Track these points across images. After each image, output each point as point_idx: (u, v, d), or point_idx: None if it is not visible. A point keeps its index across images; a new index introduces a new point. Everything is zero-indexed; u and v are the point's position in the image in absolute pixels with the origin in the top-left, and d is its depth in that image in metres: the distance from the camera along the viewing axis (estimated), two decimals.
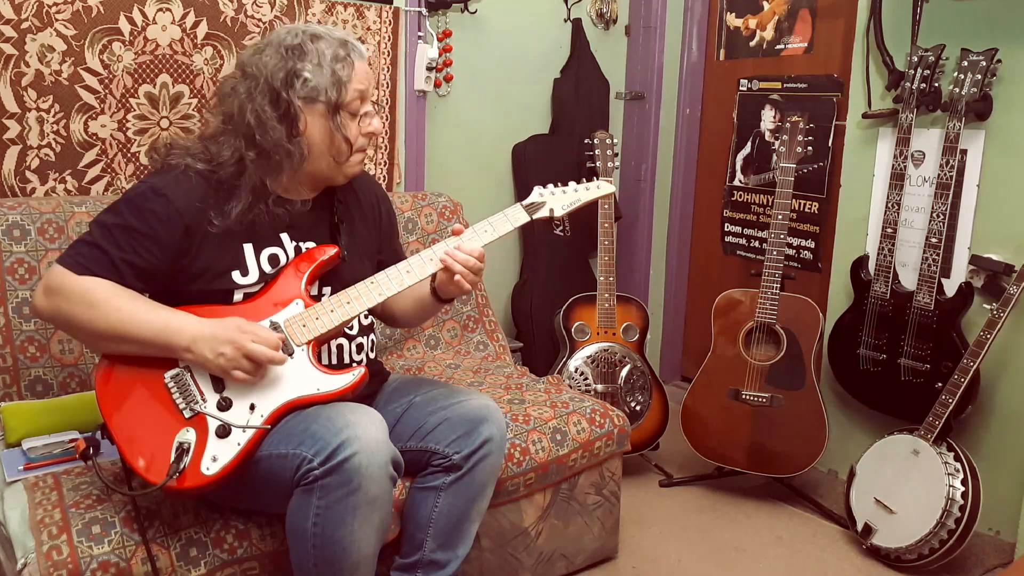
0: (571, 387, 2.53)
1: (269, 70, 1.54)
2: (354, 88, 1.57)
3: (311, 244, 1.66)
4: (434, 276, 1.70)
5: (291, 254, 1.64)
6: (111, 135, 2.20)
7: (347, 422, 1.45)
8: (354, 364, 1.71)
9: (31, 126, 2.09)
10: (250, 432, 1.49)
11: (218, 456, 1.47)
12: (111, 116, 2.19)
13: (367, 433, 1.45)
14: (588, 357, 2.68)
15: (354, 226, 1.75)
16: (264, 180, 1.58)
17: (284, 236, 1.63)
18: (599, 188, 1.74)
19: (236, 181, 1.56)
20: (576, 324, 2.73)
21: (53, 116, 2.11)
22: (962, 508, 2.11)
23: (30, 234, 1.92)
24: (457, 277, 1.61)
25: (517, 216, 1.68)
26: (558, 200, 1.70)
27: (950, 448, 2.20)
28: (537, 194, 1.71)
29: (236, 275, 1.58)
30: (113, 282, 1.48)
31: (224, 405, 1.50)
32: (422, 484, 1.70)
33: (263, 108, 1.53)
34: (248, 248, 1.59)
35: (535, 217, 1.68)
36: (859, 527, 2.32)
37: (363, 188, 1.82)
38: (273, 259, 1.62)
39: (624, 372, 2.68)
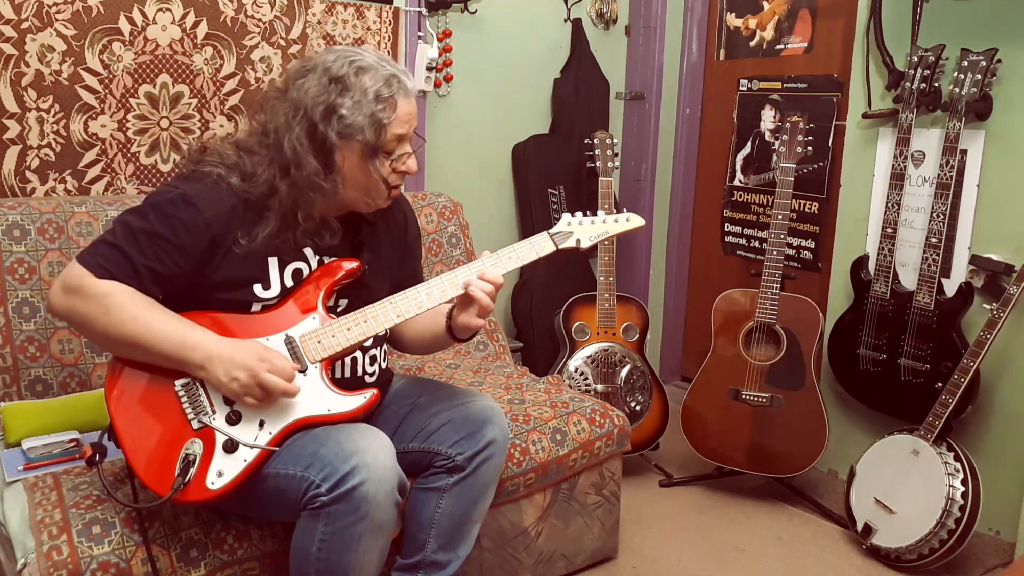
0: (571, 387, 2.53)
1: (310, 99, 1.49)
2: (393, 132, 1.52)
3: (335, 258, 1.64)
4: (450, 313, 1.68)
5: (315, 268, 1.61)
6: (111, 135, 2.20)
7: (356, 448, 1.44)
8: (366, 376, 1.70)
9: (31, 126, 2.09)
10: (257, 449, 1.48)
11: (223, 471, 1.46)
12: (111, 116, 2.19)
13: (376, 460, 1.44)
14: (588, 357, 2.68)
15: (379, 242, 1.73)
16: (295, 208, 1.53)
17: (308, 251, 1.60)
18: (628, 221, 1.71)
19: (266, 203, 1.52)
20: (576, 324, 2.73)
21: (53, 116, 2.11)
22: (962, 508, 2.11)
23: (30, 234, 1.92)
24: (475, 309, 1.58)
25: (543, 245, 1.65)
26: (586, 231, 1.67)
27: (950, 448, 2.20)
28: (565, 223, 1.68)
29: (258, 288, 1.56)
30: (132, 287, 1.46)
31: (233, 419, 1.49)
32: (425, 485, 1.70)
33: (300, 141, 1.49)
34: (273, 262, 1.57)
35: (561, 247, 1.66)
36: (859, 527, 2.32)
37: (392, 205, 1.75)
38: (297, 274, 1.59)
39: (624, 372, 2.68)
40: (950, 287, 2.30)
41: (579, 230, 1.67)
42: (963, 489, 2.13)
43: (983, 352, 2.12)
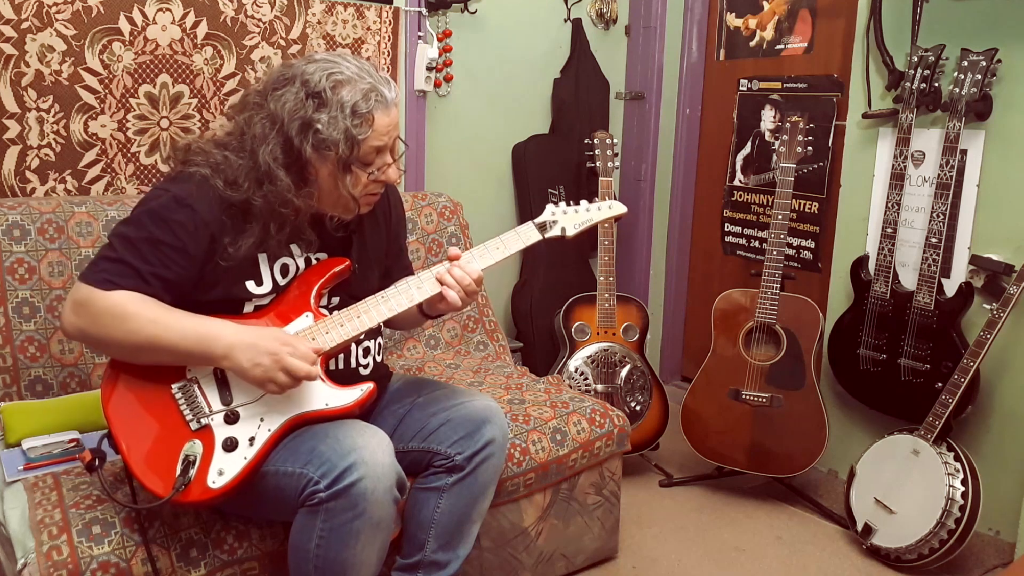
0: (571, 387, 2.53)
1: (287, 113, 1.48)
2: (370, 145, 1.51)
3: (322, 255, 1.64)
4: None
5: (300, 264, 1.62)
6: (111, 135, 2.20)
7: (354, 445, 1.45)
8: (360, 368, 1.71)
9: (31, 126, 2.09)
10: (257, 446, 1.48)
11: (224, 470, 1.46)
12: (111, 116, 2.19)
13: (374, 457, 1.44)
14: (588, 357, 2.68)
15: (364, 235, 1.73)
16: (269, 220, 1.52)
17: (293, 247, 1.61)
18: (611, 208, 1.74)
19: (248, 208, 1.51)
20: (576, 324, 2.73)
21: (53, 116, 2.11)
22: (962, 508, 2.11)
23: (30, 234, 1.92)
24: (452, 295, 1.60)
25: (529, 235, 1.68)
26: (570, 219, 1.71)
27: (950, 448, 2.20)
28: (549, 212, 1.71)
29: (251, 284, 1.56)
30: (142, 295, 1.45)
31: (232, 418, 1.49)
32: (424, 484, 1.70)
33: (275, 155, 1.48)
34: (262, 258, 1.57)
35: (547, 236, 1.69)
36: (859, 527, 2.32)
37: None
38: (284, 269, 1.60)
39: (624, 372, 2.68)
40: (950, 287, 2.30)
41: (563, 219, 1.71)
42: (963, 489, 2.13)
43: (983, 352, 2.12)
